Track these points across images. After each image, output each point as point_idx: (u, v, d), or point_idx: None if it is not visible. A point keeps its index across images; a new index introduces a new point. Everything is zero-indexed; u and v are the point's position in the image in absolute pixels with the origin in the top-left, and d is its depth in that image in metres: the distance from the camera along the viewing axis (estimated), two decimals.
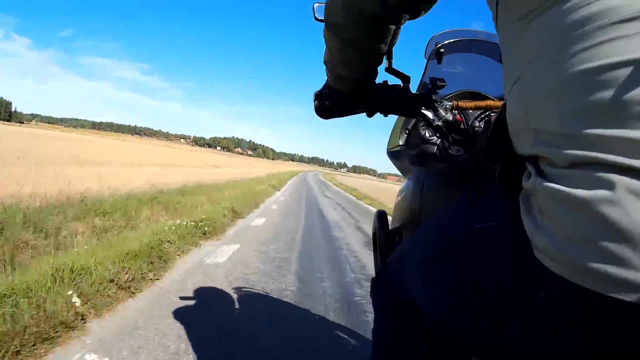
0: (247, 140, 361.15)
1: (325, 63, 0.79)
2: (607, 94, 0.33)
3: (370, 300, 0.96)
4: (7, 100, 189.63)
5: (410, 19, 0.65)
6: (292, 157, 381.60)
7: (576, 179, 0.34)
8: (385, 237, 1.16)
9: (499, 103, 0.87)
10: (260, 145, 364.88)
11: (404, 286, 0.65)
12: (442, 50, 1.00)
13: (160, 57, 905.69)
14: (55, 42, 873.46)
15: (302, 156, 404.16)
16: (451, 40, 1.12)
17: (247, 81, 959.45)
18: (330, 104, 0.89)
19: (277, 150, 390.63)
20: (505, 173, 0.48)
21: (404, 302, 0.65)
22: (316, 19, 0.78)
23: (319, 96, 0.90)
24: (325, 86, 0.89)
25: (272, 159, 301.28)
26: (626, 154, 0.32)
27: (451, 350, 0.59)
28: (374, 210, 1.80)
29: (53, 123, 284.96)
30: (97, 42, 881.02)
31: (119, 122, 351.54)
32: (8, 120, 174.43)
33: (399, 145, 1.16)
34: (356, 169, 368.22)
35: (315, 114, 0.92)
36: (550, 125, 0.37)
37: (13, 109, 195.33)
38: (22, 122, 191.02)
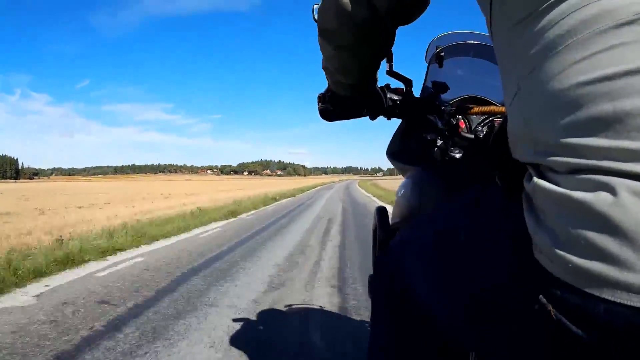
0: (277, 161, 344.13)
1: (323, 69, 0.79)
2: (607, 106, 0.32)
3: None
4: (13, 157, 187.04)
5: (402, 24, 0.66)
6: (324, 171, 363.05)
7: (577, 183, 0.34)
8: (384, 233, 1.14)
9: (502, 109, 0.88)
10: (290, 163, 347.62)
11: (403, 278, 0.64)
12: (442, 54, 1.01)
13: (182, 94, 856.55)
14: (74, 95, 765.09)
15: (335, 168, 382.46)
16: (451, 44, 1.12)
17: (277, 105, 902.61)
18: (333, 107, 0.90)
19: (310, 166, 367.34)
20: (505, 175, 0.48)
21: (403, 294, 0.64)
22: (316, 20, 0.75)
23: (322, 99, 0.90)
24: (328, 89, 0.89)
25: (304, 175, 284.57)
26: (627, 161, 0.31)
27: (450, 345, 0.60)
28: None
29: (74, 174, 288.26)
30: (116, 88, 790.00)
31: (140, 164, 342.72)
32: (15, 178, 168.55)
33: (400, 147, 1.12)
34: (392, 172, 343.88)
35: (320, 117, 0.92)
36: (550, 137, 0.36)
37: (20, 166, 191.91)
38: (32, 178, 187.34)
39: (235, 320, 2.46)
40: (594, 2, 0.33)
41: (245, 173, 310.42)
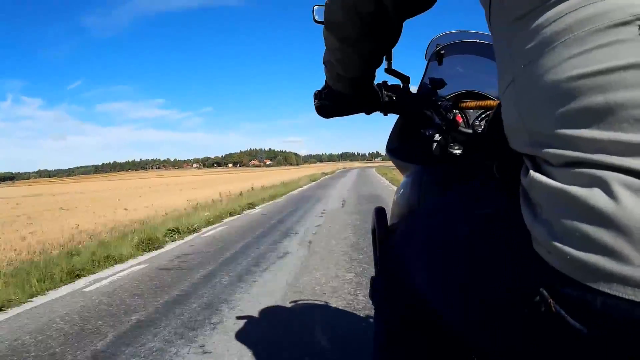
0: (266, 149, 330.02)
1: (324, 63, 0.80)
2: (599, 98, 0.33)
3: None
4: None
5: (407, 17, 0.66)
6: (320, 158, 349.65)
7: (572, 177, 0.34)
8: (384, 233, 1.12)
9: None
10: (281, 152, 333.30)
11: (404, 276, 0.64)
12: (442, 52, 1.01)
13: (174, 89, 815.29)
14: (66, 96, 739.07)
15: (330, 154, 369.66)
16: (451, 42, 1.11)
17: (270, 97, 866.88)
18: (330, 103, 0.91)
19: (306, 153, 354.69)
20: (503, 167, 0.50)
21: (404, 292, 0.63)
22: (315, 21, 0.77)
23: (318, 95, 0.91)
24: (325, 85, 0.90)
25: (297, 164, 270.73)
26: (620, 155, 0.32)
27: (452, 342, 0.59)
28: None
29: (54, 176, 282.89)
30: (108, 87, 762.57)
31: (121, 161, 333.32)
32: None
33: (399, 144, 1.13)
34: None
35: (316, 113, 0.93)
36: (544, 127, 0.37)
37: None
38: None
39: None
40: (591, 4, 0.34)
41: (230, 165, 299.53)
